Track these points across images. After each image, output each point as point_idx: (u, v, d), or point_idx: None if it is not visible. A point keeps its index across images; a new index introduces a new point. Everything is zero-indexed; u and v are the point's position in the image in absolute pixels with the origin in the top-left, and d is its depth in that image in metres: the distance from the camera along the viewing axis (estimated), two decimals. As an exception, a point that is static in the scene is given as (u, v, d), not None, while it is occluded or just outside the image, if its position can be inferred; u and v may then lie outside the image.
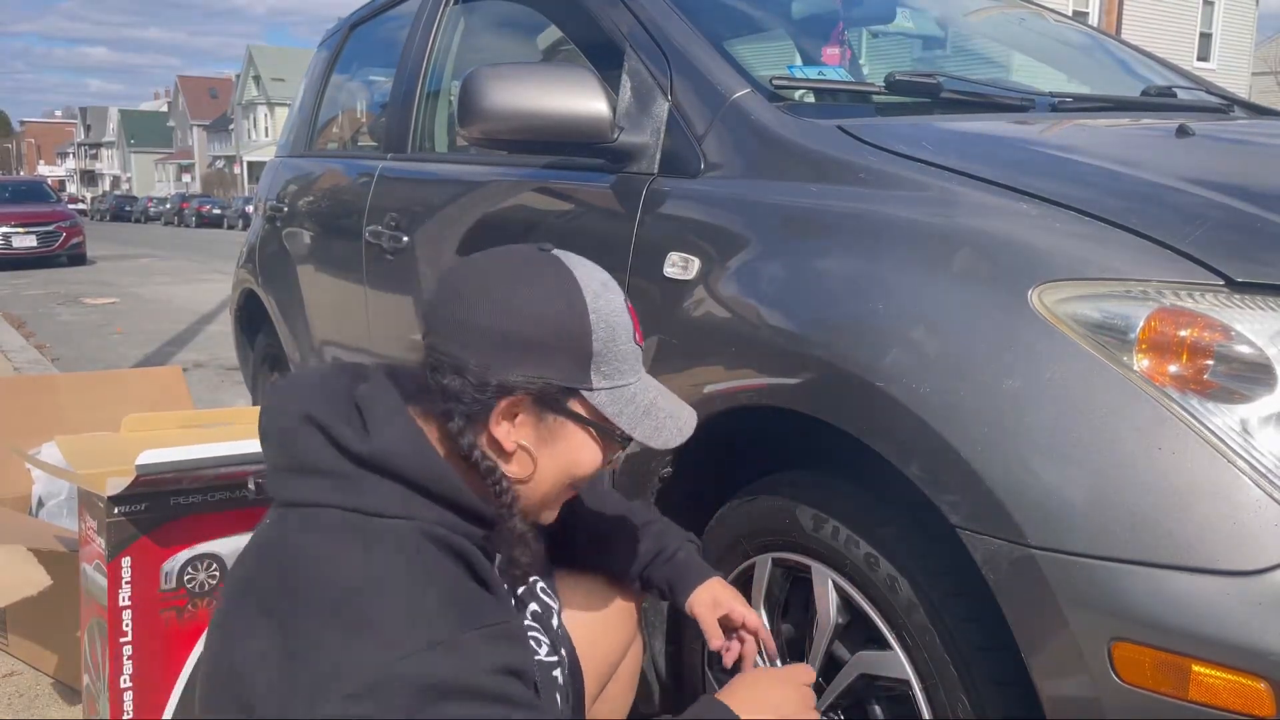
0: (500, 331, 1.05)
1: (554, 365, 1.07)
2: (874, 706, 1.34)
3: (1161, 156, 1.40)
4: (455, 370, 1.05)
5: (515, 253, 1.13)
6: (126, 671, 1.69)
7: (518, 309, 1.06)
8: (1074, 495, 1.02)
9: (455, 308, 1.07)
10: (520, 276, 1.08)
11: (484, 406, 1.06)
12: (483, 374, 1.05)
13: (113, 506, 1.65)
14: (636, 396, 1.14)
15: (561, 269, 1.11)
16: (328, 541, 0.98)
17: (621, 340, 1.11)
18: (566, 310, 1.07)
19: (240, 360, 3.91)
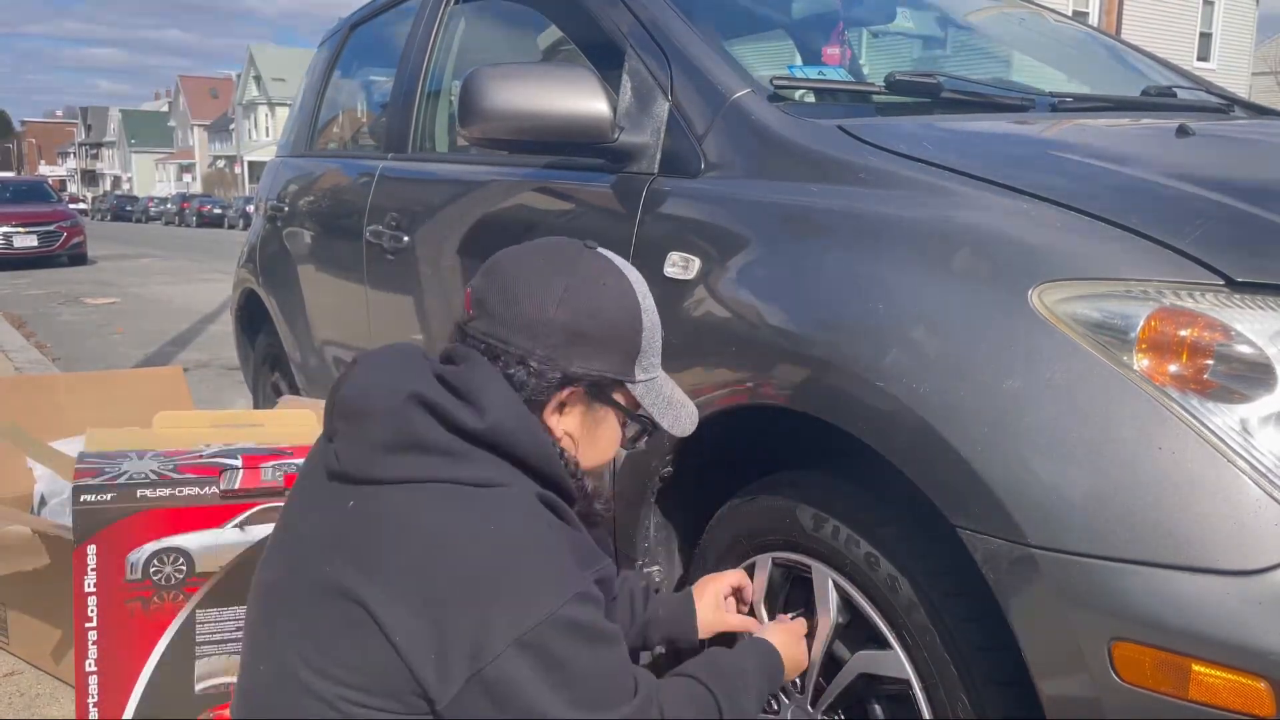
0: (570, 327, 1.14)
1: (609, 359, 1.17)
2: (874, 706, 1.34)
3: (1162, 156, 1.40)
4: (519, 360, 1.13)
5: (568, 248, 1.20)
6: (91, 656, 1.73)
7: (586, 307, 1.15)
8: (1074, 495, 1.02)
9: (524, 303, 1.14)
10: (582, 274, 1.17)
11: (546, 394, 1.15)
12: (550, 364, 1.14)
13: (79, 494, 1.67)
14: (663, 388, 1.26)
15: (614, 269, 1.20)
16: (456, 513, 1.04)
17: (658, 337, 1.24)
18: (625, 309, 1.18)
19: (241, 360, 3.91)
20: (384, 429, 1.08)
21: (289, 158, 3.49)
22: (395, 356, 1.18)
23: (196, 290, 11.63)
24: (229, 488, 1.76)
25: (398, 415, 1.07)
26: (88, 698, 1.73)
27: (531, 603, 1.00)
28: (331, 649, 1.03)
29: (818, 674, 1.41)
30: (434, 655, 0.99)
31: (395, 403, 1.08)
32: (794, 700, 1.45)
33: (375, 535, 1.04)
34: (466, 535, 1.03)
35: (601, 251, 1.21)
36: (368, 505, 1.06)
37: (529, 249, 1.21)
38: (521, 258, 1.19)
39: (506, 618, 0.99)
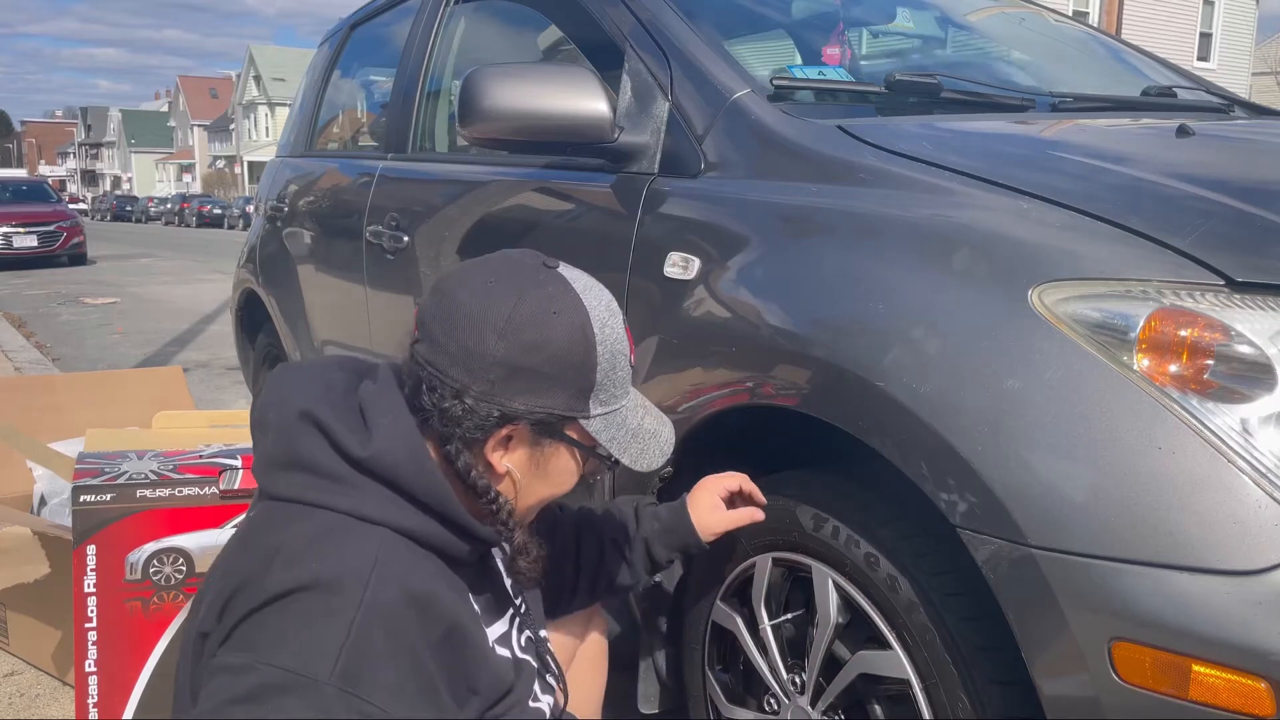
0: (509, 363, 1.04)
1: (557, 396, 1.07)
2: (874, 706, 1.34)
3: (1162, 156, 1.40)
4: (455, 394, 1.04)
5: (522, 269, 1.09)
6: (91, 656, 1.73)
7: (530, 340, 1.04)
8: (1074, 495, 1.02)
9: (463, 332, 1.04)
10: (531, 301, 1.05)
11: (484, 432, 1.06)
12: (486, 401, 1.04)
13: (79, 494, 1.67)
14: (627, 419, 1.14)
15: (570, 295, 1.08)
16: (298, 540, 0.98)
17: (620, 368, 1.11)
18: (577, 342, 1.06)
19: (241, 360, 3.91)
20: (274, 445, 1.05)
21: (289, 158, 3.49)
22: (311, 370, 1.12)
23: (196, 290, 11.63)
24: (228, 488, 1.76)
25: (287, 432, 1.04)
26: (88, 698, 1.73)
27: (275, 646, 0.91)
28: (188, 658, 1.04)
29: (818, 674, 1.41)
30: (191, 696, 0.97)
31: (287, 420, 1.04)
32: (794, 700, 1.45)
33: (246, 546, 1.02)
34: (285, 563, 0.96)
35: (560, 273, 1.10)
36: (256, 516, 1.05)
37: (479, 267, 1.10)
38: (468, 278, 1.08)
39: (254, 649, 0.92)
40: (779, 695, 1.47)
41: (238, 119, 63.44)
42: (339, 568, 0.96)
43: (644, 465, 1.15)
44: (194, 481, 1.75)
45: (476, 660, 1.07)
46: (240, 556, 1.01)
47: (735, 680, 1.58)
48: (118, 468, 1.77)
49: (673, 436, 1.21)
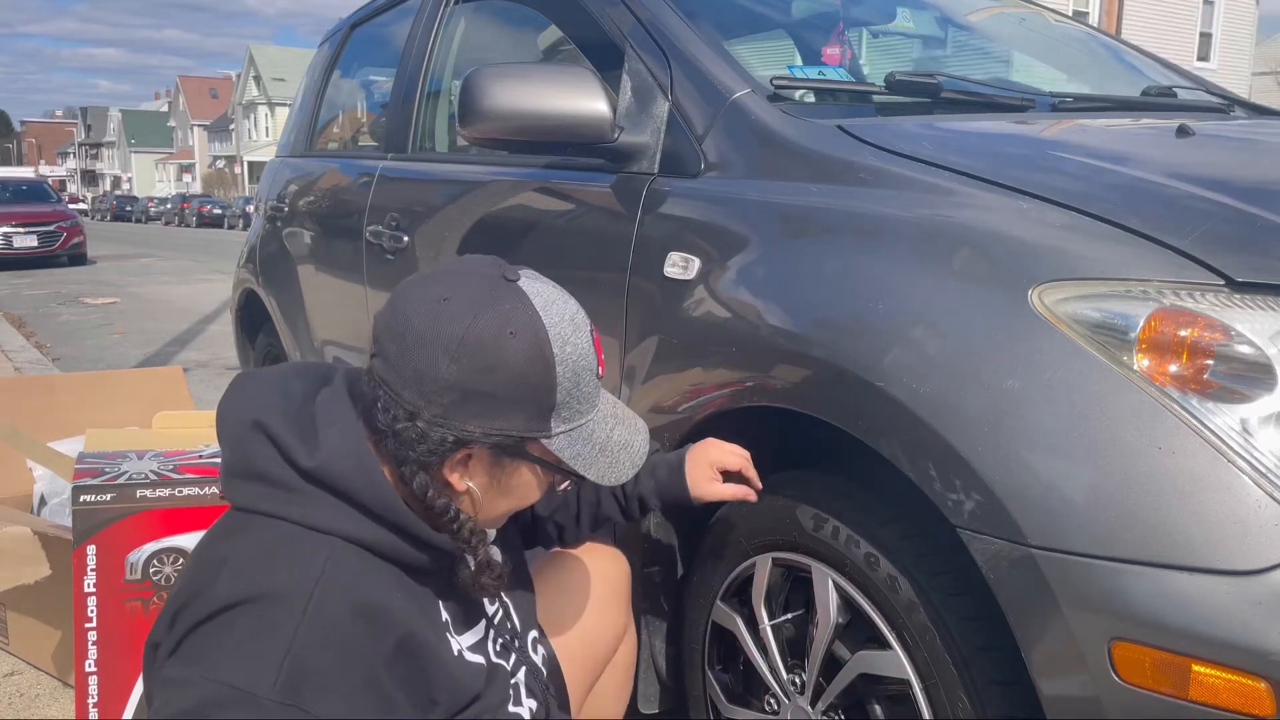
0: (462, 387, 1.00)
1: (514, 418, 1.03)
2: (874, 706, 1.34)
3: (1162, 156, 1.40)
4: (409, 416, 1.01)
5: (479, 285, 1.04)
6: (91, 656, 1.73)
7: (483, 362, 1.00)
8: (1074, 495, 1.02)
9: (414, 354, 1.01)
10: (485, 321, 1.01)
11: (439, 456, 1.03)
12: (439, 425, 1.01)
13: (79, 494, 1.67)
14: (594, 433, 1.10)
15: (528, 312, 1.03)
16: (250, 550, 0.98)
17: (584, 383, 1.07)
18: (534, 362, 1.02)
19: (241, 360, 3.91)
20: (229, 454, 1.05)
21: (289, 158, 3.49)
22: (268, 378, 1.11)
23: (196, 290, 11.63)
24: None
25: (239, 442, 1.03)
26: (88, 698, 1.73)
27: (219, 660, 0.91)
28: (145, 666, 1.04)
29: (818, 674, 1.41)
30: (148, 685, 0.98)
31: (240, 429, 1.04)
32: (794, 700, 1.45)
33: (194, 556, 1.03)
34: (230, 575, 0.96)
35: (520, 286, 1.04)
36: (220, 525, 1.06)
37: (434, 281, 1.05)
38: (422, 293, 1.03)
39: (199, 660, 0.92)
40: (779, 695, 1.47)
41: (238, 119, 63.45)
42: (283, 580, 0.95)
43: (612, 480, 1.12)
44: (194, 481, 1.75)
45: (436, 668, 1.05)
46: (194, 566, 1.01)
47: (735, 680, 1.58)
48: (118, 468, 1.77)
49: (646, 444, 1.17)
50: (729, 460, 1.42)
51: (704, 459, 1.42)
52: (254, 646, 0.92)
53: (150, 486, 1.73)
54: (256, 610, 0.94)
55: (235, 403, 1.07)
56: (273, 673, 0.91)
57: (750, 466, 1.43)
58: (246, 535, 1.00)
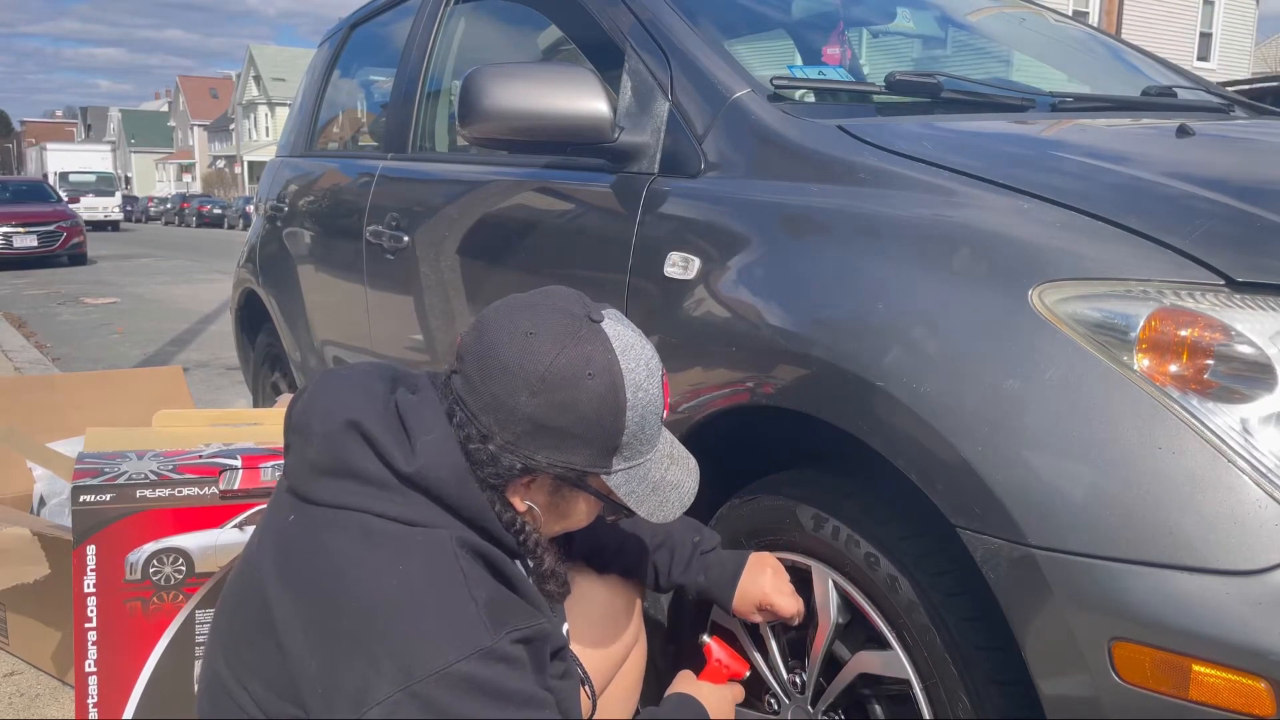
0: (536, 420, 1.06)
1: (580, 454, 1.08)
2: (874, 706, 1.34)
3: (1162, 156, 1.40)
4: (482, 438, 1.07)
5: (565, 321, 1.08)
6: (91, 657, 1.73)
7: (561, 401, 1.05)
8: (1074, 495, 1.02)
9: (495, 381, 1.06)
10: (567, 360, 1.05)
11: (506, 479, 1.09)
12: (510, 452, 1.07)
13: (78, 495, 1.67)
14: (650, 472, 1.15)
15: (608, 356, 1.07)
16: (368, 549, 1.01)
17: (650, 426, 1.12)
18: (607, 406, 1.07)
19: (241, 360, 3.91)
20: (319, 452, 1.07)
21: (289, 158, 3.49)
22: (353, 379, 1.14)
23: (196, 290, 11.63)
24: (228, 488, 1.76)
25: (334, 440, 1.06)
26: (88, 698, 1.73)
27: (426, 652, 0.95)
28: (245, 652, 1.05)
29: (818, 674, 1.41)
30: (320, 691, 0.98)
31: (334, 427, 1.07)
32: (794, 700, 1.45)
33: (296, 550, 1.04)
34: (372, 573, 0.99)
35: (603, 328, 1.09)
36: (300, 520, 1.07)
37: (523, 310, 1.10)
38: (509, 322, 1.09)
39: (397, 664, 0.95)
40: (779, 695, 1.47)
41: (238, 119, 63.43)
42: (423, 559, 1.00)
43: (660, 518, 1.16)
44: (194, 481, 1.75)
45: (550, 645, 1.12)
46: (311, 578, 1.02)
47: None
48: (117, 468, 1.77)
49: (696, 485, 1.21)
50: (781, 605, 1.39)
51: (758, 589, 1.40)
52: (448, 618, 0.97)
53: (150, 486, 1.72)
54: (420, 592, 0.98)
55: (325, 402, 1.10)
56: (478, 625, 0.98)
57: (792, 609, 1.40)
58: (347, 535, 1.02)
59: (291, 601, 1.01)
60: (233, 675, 1.06)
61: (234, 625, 1.09)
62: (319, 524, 1.04)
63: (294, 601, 1.01)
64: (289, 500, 1.09)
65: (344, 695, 0.96)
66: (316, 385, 1.14)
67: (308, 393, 1.13)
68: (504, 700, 0.97)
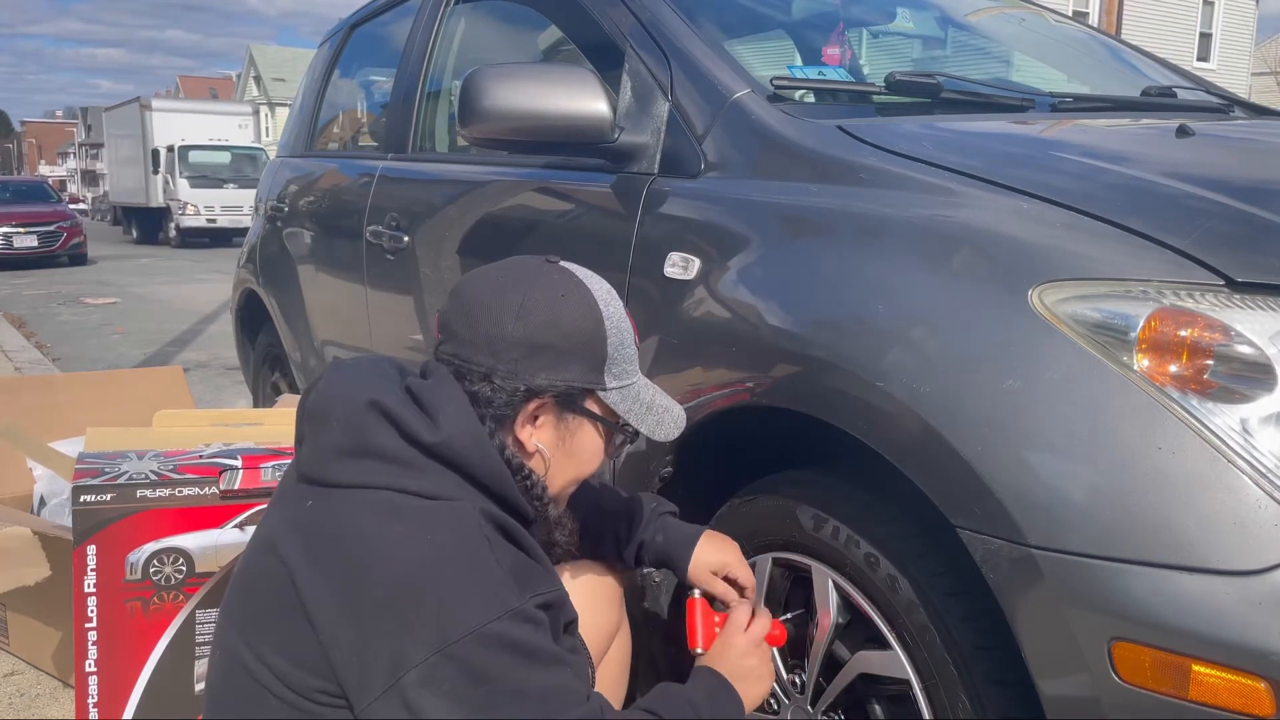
0: (529, 341, 1.15)
1: (574, 369, 1.17)
2: (874, 706, 1.34)
3: (1162, 156, 1.40)
4: (484, 377, 1.15)
5: (528, 265, 1.21)
6: (91, 657, 1.73)
7: (544, 319, 1.15)
8: (1074, 495, 1.02)
9: (482, 321, 1.16)
10: (540, 288, 1.17)
11: (513, 409, 1.15)
12: (512, 379, 1.15)
13: (79, 494, 1.67)
14: (640, 394, 1.24)
15: (574, 279, 1.20)
16: (396, 521, 1.04)
17: (628, 344, 1.22)
18: (586, 318, 1.18)
19: (241, 360, 3.91)
20: (342, 434, 1.10)
21: (289, 158, 3.49)
22: (365, 367, 1.19)
23: (196, 290, 11.63)
24: (228, 488, 1.76)
25: (356, 422, 1.09)
26: (88, 698, 1.73)
27: (459, 615, 0.99)
28: (269, 632, 1.07)
29: (818, 674, 1.41)
30: (355, 660, 1.01)
31: (355, 409, 1.10)
32: (794, 700, 1.45)
33: (322, 531, 1.07)
34: (401, 544, 1.03)
35: (564, 265, 1.22)
36: (321, 504, 1.09)
37: (490, 269, 1.22)
38: (481, 279, 1.20)
39: (431, 628, 0.99)
40: (779, 695, 1.47)
41: (238, 119, 63.32)
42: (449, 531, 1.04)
43: (662, 435, 1.25)
44: (194, 481, 1.75)
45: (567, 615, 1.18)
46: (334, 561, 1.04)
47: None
48: (118, 468, 1.77)
49: (683, 413, 1.29)
50: (737, 573, 1.41)
51: (716, 555, 1.42)
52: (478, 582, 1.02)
53: (150, 486, 1.73)
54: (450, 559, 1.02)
55: (342, 387, 1.14)
56: (507, 588, 1.03)
57: (752, 593, 1.42)
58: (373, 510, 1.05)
59: (321, 578, 1.04)
60: (253, 654, 1.08)
61: (254, 608, 1.10)
62: (343, 503, 1.07)
63: (324, 578, 1.04)
64: (303, 489, 1.12)
65: (380, 661, 0.99)
66: (329, 375, 1.18)
67: (322, 382, 1.17)
68: (533, 658, 1.02)
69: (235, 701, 1.09)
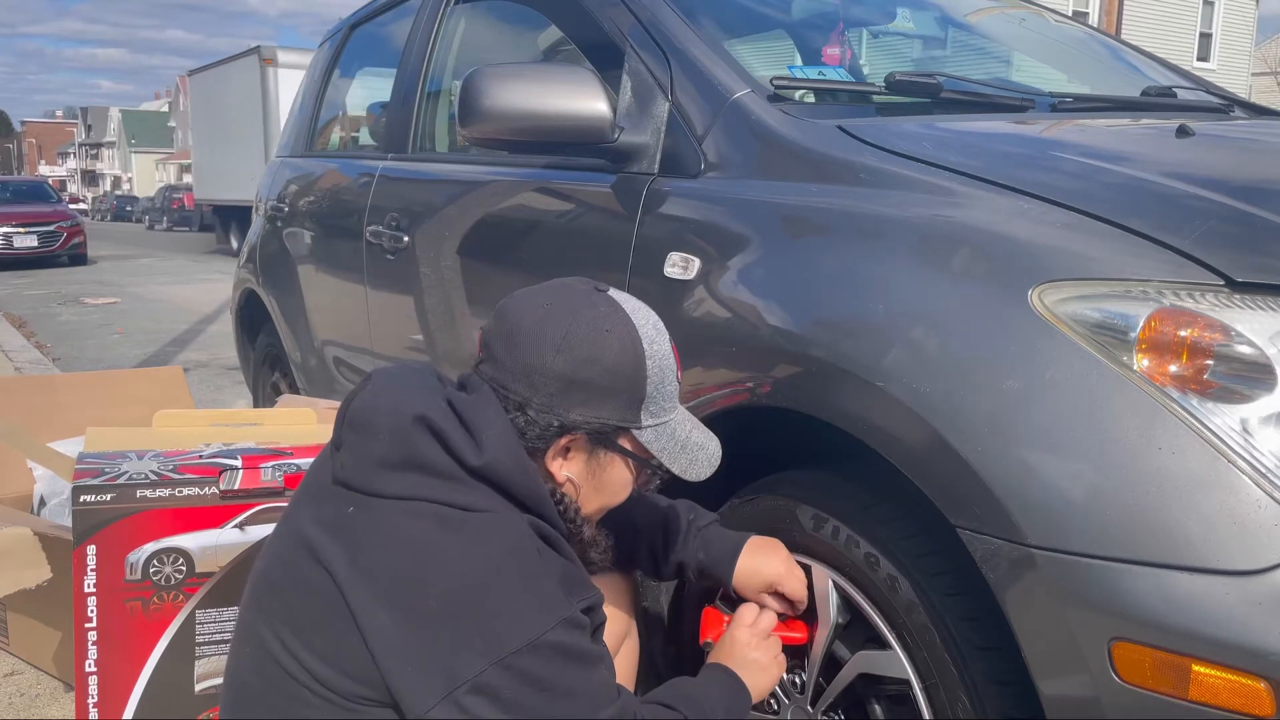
0: (568, 376, 1.13)
1: (611, 406, 1.15)
2: (874, 706, 1.34)
3: (1162, 156, 1.40)
4: (519, 406, 1.14)
5: (575, 292, 1.18)
6: (91, 657, 1.72)
7: (585, 355, 1.13)
8: (1074, 495, 1.02)
9: (524, 349, 1.14)
10: (584, 321, 1.15)
11: (545, 442, 1.15)
12: (546, 413, 1.14)
13: (79, 495, 1.67)
14: (676, 431, 1.22)
15: (621, 314, 1.17)
16: (448, 533, 1.05)
17: (669, 381, 1.20)
18: (628, 356, 1.15)
19: (241, 360, 3.91)
20: (388, 447, 1.10)
21: (289, 158, 3.49)
22: (409, 376, 1.19)
23: (196, 290, 11.63)
24: (228, 488, 1.76)
25: (402, 435, 1.10)
26: (88, 698, 1.73)
27: (515, 626, 1.02)
28: (310, 637, 1.07)
29: (818, 674, 1.41)
30: (410, 668, 1.02)
31: (402, 423, 1.10)
32: (794, 700, 1.45)
33: (369, 541, 1.07)
34: (454, 555, 1.04)
35: (611, 295, 1.20)
36: (365, 514, 1.09)
37: (537, 292, 1.20)
38: (527, 302, 1.18)
39: (489, 639, 1.01)
40: (779, 695, 1.47)
41: (238, 119, 63.28)
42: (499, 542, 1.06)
43: (693, 475, 1.23)
44: (194, 481, 1.75)
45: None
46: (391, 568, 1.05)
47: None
48: (118, 468, 1.77)
49: (719, 450, 1.26)
50: (788, 586, 1.37)
51: (763, 567, 1.38)
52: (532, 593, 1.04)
53: (150, 486, 1.72)
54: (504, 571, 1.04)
55: (388, 399, 1.14)
56: (558, 597, 1.05)
57: (803, 606, 1.39)
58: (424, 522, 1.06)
59: (372, 591, 1.04)
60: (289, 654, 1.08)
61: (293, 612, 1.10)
62: (390, 514, 1.08)
63: (375, 590, 1.04)
64: (340, 493, 1.12)
65: (436, 672, 1.01)
66: (374, 385, 1.18)
67: (367, 391, 1.17)
68: (583, 661, 1.06)
69: (276, 700, 1.10)
